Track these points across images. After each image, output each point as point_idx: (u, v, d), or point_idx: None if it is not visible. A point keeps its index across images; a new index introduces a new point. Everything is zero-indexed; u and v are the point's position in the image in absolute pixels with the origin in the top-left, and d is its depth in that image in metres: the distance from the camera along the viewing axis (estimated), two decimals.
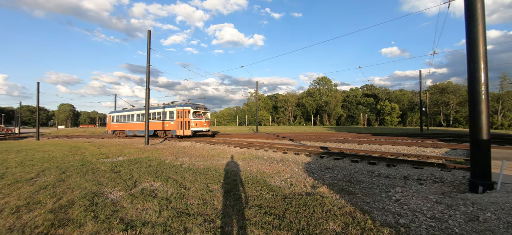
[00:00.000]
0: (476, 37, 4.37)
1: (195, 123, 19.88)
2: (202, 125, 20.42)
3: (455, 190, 4.66)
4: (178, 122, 20.16)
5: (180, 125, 20.00)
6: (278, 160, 9.26)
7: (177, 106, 20.52)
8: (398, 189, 4.93)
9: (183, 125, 19.84)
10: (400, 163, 7.67)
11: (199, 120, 20.24)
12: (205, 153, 11.16)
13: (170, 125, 20.93)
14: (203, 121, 20.57)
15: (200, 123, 20.27)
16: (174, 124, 20.38)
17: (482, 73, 4.30)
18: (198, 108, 20.50)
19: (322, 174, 6.64)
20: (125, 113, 26.43)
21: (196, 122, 19.94)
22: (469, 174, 6.05)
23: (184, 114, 19.98)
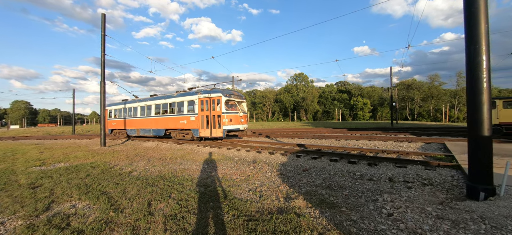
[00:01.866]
0: (476, 13, 3.64)
1: (229, 118, 12.49)
2: (239, 121, 13.00)
3: (452, 196, 3.96)
4: (201, 117, 12.97)
5: (205, 121, 12.82)
6: (250, 161, 8.18)
7: (200, 94, 13.25)
8: (386, 197, 4.11)
9: (211, 121, 12.65)
10: (381, 161, 7.04)
11: (234, 113, 12.77)
12: (169, 155, 9.68)
13: (189, 122, 13.53)
14: (240, 115, 13.16)
15: (235, 118, 12.78)
16: (196, 120, 13.15)
17: (483, 56, 3.60)
18: (231, 95, 13.28)
19: (299, 178, 5.68)
20: (125, 106, 18.99)
21: (230, 117, 12.53)
22: (456, 172, 5.53)
23: (211, 105, 12.71)
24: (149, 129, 16.54)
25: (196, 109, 13.26)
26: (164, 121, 15.45)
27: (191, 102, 13.83)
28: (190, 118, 13.56)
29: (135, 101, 18.30)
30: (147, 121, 16.84)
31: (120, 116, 19.69)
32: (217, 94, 12.79)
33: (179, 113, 14.46)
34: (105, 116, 20.18)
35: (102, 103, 13.97)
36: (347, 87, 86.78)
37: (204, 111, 12.96)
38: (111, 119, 20.72)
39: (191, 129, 13.57)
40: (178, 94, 14.91)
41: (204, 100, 13.10)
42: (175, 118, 14.61)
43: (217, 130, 12.51)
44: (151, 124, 16.43)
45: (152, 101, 16.63)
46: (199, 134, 13.07)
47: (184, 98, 14.23)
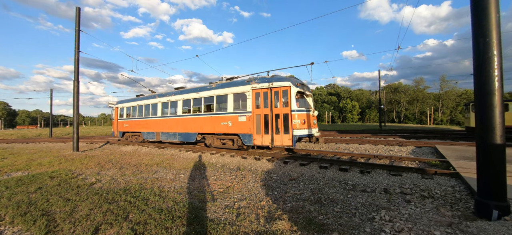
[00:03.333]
0: (486, 0, 3.14)
1: (302, 119, 8.50)
2: (312, 123, 9.18)
3: (458, 213, 3.43)
4: (257, 117, 9.01)
5: (262, 123, 8.88)
6: (234, 167, 7.46)
7: (254, 83, 9.21)
8: (384, 214, 3.52)
9: (273, 123, 8.71)
10: (374, 168, 6.52)
11: (306, 112, 8.81)
12: (146, 161, 8.79)
13: (237, 124, 9.52)
14: (314, 114, 9.44)
15: (309, 119, 8.90)
16: (248, 121, 9.14)
17: (495, 51, 3.10)
18: (303, 86, 9.54)
19: (285, 189, 5.02)
20: (141, 103, 14.85)
21: (303, 117, 8.55)
22: (455, 182, 5.05)
23: (273, 99, 8.81)
24: (174, 133, 12.36)
25: (248, 106, 9.18)
26: (197, 122, 11.15)
27: (240, 96, 9.67)
28: (239, 117, 9.39)
29: (154, 97, 14.00)
30: (171, 122, 12.55)
31: (134, 115, 15.41)
32: (284, 84, 8.53)
33: (220, 112, 10.28)
34: (115, 116, 17.39)
35: (75, 104, 12.80)
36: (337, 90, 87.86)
37: (262, 109, 8.92)
38: (123, 119, 16.38)
39: (239, 133, 9.38)
40: (218, 85, 10.51)
41: (262, 93, 8.91)
42: (214, 118, 10.39)
43: (283, 136, 8.39)
44: (176, 126, 12.23)
45: (179, 96, 12.27)
46: (253, 142, 8.90)
47: (227, 90, 10.03)
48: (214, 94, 10.65)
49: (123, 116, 16.54)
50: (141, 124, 14.82)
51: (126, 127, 16.11)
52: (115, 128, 17.43)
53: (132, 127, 15.60)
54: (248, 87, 9.40)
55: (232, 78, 10.84)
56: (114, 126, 17.56)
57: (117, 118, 17.22)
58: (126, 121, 16.23)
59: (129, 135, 16.26)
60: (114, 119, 17.55)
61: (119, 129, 16.81)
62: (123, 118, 16.56)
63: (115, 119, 17.44)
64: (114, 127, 17.70)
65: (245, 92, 9.51)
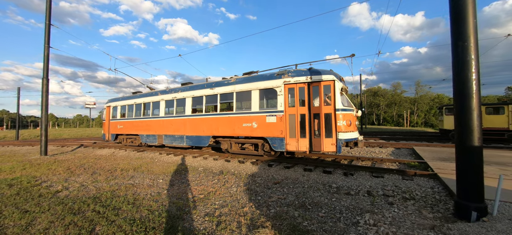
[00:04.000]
0: (464, 5, 3.20)
1: (348, 120, 7.10)
2: (354, 126, 7.45)
3: (439, 215, 3.46)
4: (290, 118, 7.54)
5: (297, 125, 7.41)
6: (217, 171, 7.17)
7: (287, 76, 7.72)
8: (368, 218, 3.46)
9: (312, 125, 7.30)
10: (357, 170, 6.56)
11: (350, 111, 7.29)
12: (122, 165, 8.22)
13: (264, 126, 7.97)
14: (357, 114, 7.74)
15: (352, 120, 7.32)
16: (279, 122, 7.63)
17: (472, 54, 3.16)
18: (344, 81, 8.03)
19: (269, 194, 4.85)
20: (139, 101, 12.86)
21: (348, 118, 7.13)
22: (434, 183, 5.18)
23: (311, 96, 7.44)
24: (181, 136, 10.55)
25: (279, 104, 7.60)
26: (210, 124, 9.41)
27: (268, 93, 8.17)
28: (267, 117, 7.80)
29: (155, 94, 12.14)
30: (177, 123, 10.72)
31: (131, 115, 13.33)
32: (327, 77, 7.08)
33: (242, 111, 8.63)
34: (107, 116, 15.06)
35: (43, 104, 11.78)
36: None
37: (297, 107, 7.37)
38: (116, 119, 14.24)
39: (268, 137, 7.80)
40: (239, 80, 8.84)
41: (297, 88, 7.40)
42: (233, 118, 8.69)
43: (324, 140, 6.90)
44: (184, 128, 10.43)
45: (187, 93, 10.50)
46: (286, 147, 7.39)
47: (252, 86, 8.33)
48: (233, 91, 8.83)
49: (117, 116, 14.25)
50: (139, 125, 12.74)
51: (120, 129, 13.92)
52: (107, 130, 15.04)
53: (128, 129, 13.43)
54: (279, 81, 7.76)
55: (251, 72, 9.19)
56: (105, 128, 15.13)
57: (109, 118, 14.86)
58: (120, 122, 13.96)
59: (123, 137, 14.11)
60: (105, 120, 15.13)
61: (112, 131, 14.50)
62: (116, 119, 14.31)
63: (107, 119, 15.02)
64: (105, 129, 15.24)
65: (275, 88, 7.83)
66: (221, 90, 9.31)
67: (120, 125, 14.00)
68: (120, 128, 13.99)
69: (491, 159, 7.84)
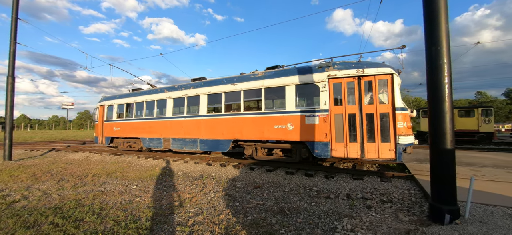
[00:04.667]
0: (438, 10, 3.25)
1: (408, 121, 6.01)
2: (410, 128, 6.21)
3: (414, 218, 3.46)
4: (337, 118, 6.38)
5: (346, 127, 6.26)
6: (197, 176, 6.90)
7: (332, 68, 6.52)
8: (346, 223, 3.40)
9: (365, 127, 6.08)
10: (338, 172, 6.57)
11: (406, 111, 6.04)
12: (95, 171, 7.70)
13: (303, 127, 6.74)
14: (410, 114, 6.40)
15: (409, 121, 6.13)
16: (322, 123, 6.46)
17: (445, 58, 3.21)
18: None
19: (248, 199, 4.68)
20: (142, 99, 11.15)
21: (407, 119, 6.00)
22: (411, 185, 5.27)
23: (363, 92, 6.22)
24: (193, 140, 9.01)
25: (323, 102, 6.47)
26: (232, 125, 8.04)
27: (307, 88, 6.99)
28: (306, 118, 6.66)
29: (161, 91, 10.48)
30: (189, 124, 9.13)
31: (130, 115, 11.64)
32: (383, 71, 6.05)
33: (272, 111, 7.37)
34: (100, 117, 13.06)
35: (8, 104, 10.83)
36: None
37: (345, 106, 6.30)
38: (112, 120, 12.38)
39: (307, 141, 6.64)
40: (268, 74, 7.57)
41: (345, 83, 6.34)
42: (262, 119, 7.42)
43: (380, 145, 5.88)
44: (197, 131, 8.87)
45: (201, 89, 8.95)
46: (331, 153, 6.32)
47: (286, 80, 7.14)
48: (261, 86, 7.51)
49: (112, 117, 12.36)
50: (140, 126, 10.99)
51: (117, 131, 12.04)
52: (100, 132, 13.08)
53: (126, 131, 11.61)
54: (321, 75, 6.56)
55: (275, 67, 8.03)
56: (98, 130, 13.23)
57: (102, 119, 12.96)
58: (116, 123, 12.07)
59: (120, 141, 12.27)
60: (98, 121, 13.16)
61: (106, 133, 12.61)
62: (111, 119, 12.43)
63: (100, 120, 13.06)
64: (97, 131, 13.28)
65: (316, 83, 6.61)
66: (245, 86, 7.86)
67: (116, 126, 12.10)
68: (116, 130, 12.07)
69: (463, 159, 8.21)
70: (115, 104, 12.41)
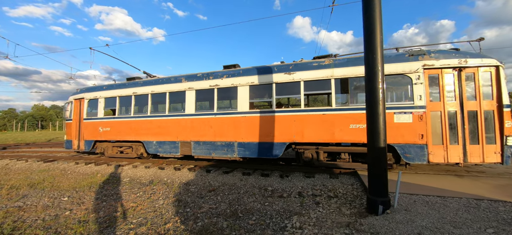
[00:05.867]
0: (374, 23, 3.63)
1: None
2: None
3: (355, 211, 3.78)
4: (434, 116, 5.57)
5: (445, 127, 5.46)
6: (146, 181, 6.33)
7: (426, 57, 5.70)
8: (295, 221, 3.51)
9: (467, 127, 5.38)
10: (293, 171, 6.82)
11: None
12: (14, 182, 6.40)
13: (392, 127, 5.66)
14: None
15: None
16: (419, 121, 5.56)
17: (379, 66, 3.59)
18: None
19: (200, 203, 4.47)
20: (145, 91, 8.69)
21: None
22: (354, 180, 5.78)
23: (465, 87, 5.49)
24: (229, 143, 7.29)
25: (416, 96, 5.59)
26: (289, 124, 6.61)
27: (395, 80, 6.11)
28: (395, 116, 5.72)
29: (176, 80, 8.26)
30: (223, 123, 7.38)
31: (127, 112, 9.37)
32: (488, 62, 5.42)
33: (347, 107, 6.22)
34: (77, 114, 10.02)
35: None
36: None
37: (444, 102, 5.53)
38: (96, 118, 9.50)
39: (396, 144, 5.69)
40: (340, 61, 6.41)
41: (442, 75, 5.58)
42: (333, 117, 6.20)
43: (485, 147, 5.28)
44: (235, 131, 7.21)
45: (240, 79, 7.29)
46: (428, 157, 5.47)
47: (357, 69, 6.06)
48: (330, 76, 6.27)
49: (97, 114, 9.50)
50: (143, 126, 8.55)
51: (105, 133, 9.27)
52: (74, 134, 9.98)
53: (120, 133, 8.99)
54: (414, 64, 5.67)
55: (328, 56, 6.89)
56: (72, 131, 10.03)
57: (80, 116, 9.92)
58: (105, 122, 9.29)
59: (107, 146, 9.49)
60: (73, 119, 10.05)
61: (87, 136, 9.60)
62: (96, 117, 9.49)
63: (75, 118, 10.01)
64: (70, 132, 10.09)
65: (408, 74, 5.71)
66: (306, 76, 6.49)
67: (104, 126, 9.27)
68: (104, 132, 9.29)
69: None
70: (102, 97, 9.43)
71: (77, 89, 10.44)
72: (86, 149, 9.72)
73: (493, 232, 2.83)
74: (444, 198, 4.03)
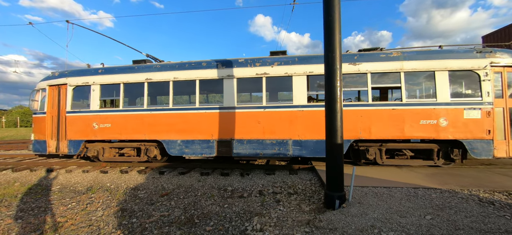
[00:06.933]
0: (333, 22, 3.68)
1: None
2: None
3: (314, 207, 3.82)
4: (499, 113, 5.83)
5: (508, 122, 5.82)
6: (82, 189, 5.36)
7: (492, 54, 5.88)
8: (256, 223, 3.34)
9: None
10: (253, 169, 6.70)
11: None
12: None
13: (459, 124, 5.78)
14: None
15: None
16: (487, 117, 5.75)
17: (338, 64, 3.67)
18: None
19: (150, 211, 3.93)
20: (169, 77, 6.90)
21: None
22: (312, 175, 5.96)
23: None
24: (283, 141, 6.46)
25: (484, 92, 5.77)
26: (353, 120, 6.17)
27: (462, 76, 6.06)
28: (465, 112, 5.78)
29: (209, 66, 6.91)
30: (275, 118, 6.50)
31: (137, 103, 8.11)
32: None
33: (418, 102, 6.09)
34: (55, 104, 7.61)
35: None
36: None
37: (506, 99, 5.86)
38: (88, 111, 7.41)
39: (464, 139, 5.76)
40: (408, 54, 6.20)
41: (505, 73, 5.90)
42: (403, 112, 5.99)
43: None
44: (292, 127, 6.41)
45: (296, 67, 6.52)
46: (493, 153, 5.71)
47: (435, 64, 5.98)
48: (400, 69, 6.04)
49: (91, 105, 7.40)
50: (163, 121, 6.99)
51: (103, 130, 7.28)
52: (51, 133, 7.66)
53: (126, 130, 7.16)
54: (483, 61, 5.78)
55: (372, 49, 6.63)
56: (45, 128, 7.68)
57: (59, 108, 7.63)
58: (102, 116, 7.32)
59: (103, 147, 7.58)
60: (48, 112, 7.71)
61: (73, 135, 7.41)
62: (88, 110, 7.40)
63: (52, 111, 7.71)
64: (42, 130, 7.71)
65: (476, 70, 5.81)
66: (373, 68, 6.14)
67: (101, 121, 7.30)
68: (100, 129, 7.30)
69: None
70: (97, 84, 7.38)
71: (53, 73, 8.01)
72: (70, 151, 7.44)
73: (430, 218, 3.17)
74: (389, 189, 4.42)
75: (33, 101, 7.93)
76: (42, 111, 7.76)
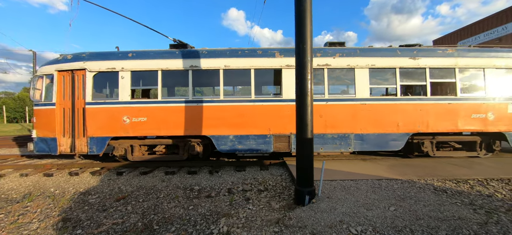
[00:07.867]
0: (305, 13, 3.53)
1: None
2: None
3: (284, 204, 3.70)
4: None
5: None
6: (17, 196, 4.52)
7: None
8: (223, 226, 3.09)
9: None
10: (222, 166, 6.40)
11: None
12: None
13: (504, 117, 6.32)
14: None
15: None
16: None
17: (308, 56, 3.55)
18: None
19: (99, 220, 3.41)
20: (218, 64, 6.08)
21: None
22: (283, 170, 5.89)
23: None
24: (344, 135, 6.37)
25: None
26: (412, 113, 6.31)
27: (505, 73, 6.47)
28: (509, 106, 6.39)
29: (266, 53, 6.35)
30: (335, 111, 6.31)
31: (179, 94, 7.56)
32: None
33: (470, 96, 6.40)
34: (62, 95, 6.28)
35: None
36: None
37: None
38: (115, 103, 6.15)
39: (507, 132, 6.36)
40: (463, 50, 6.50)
41: None
42: (458, 106, 6.31)
43: None
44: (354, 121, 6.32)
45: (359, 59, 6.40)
46: None
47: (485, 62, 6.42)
48: (454, 65, 6.35)
49: (120, 95, 6.24)
50: (214, 115, 6.25)
51: (137, 125, 6.20)
52: (63, 128, 6.27)
53: (168, 124, 6.23)
54: None
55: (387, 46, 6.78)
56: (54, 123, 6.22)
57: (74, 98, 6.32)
58: (135, 108, 6.21)
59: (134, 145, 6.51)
60: (58, 103, 6.29)
61: (98, 131, 6.18)
62: (116, 101, 6.24)
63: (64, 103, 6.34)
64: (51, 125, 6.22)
65: None
66: (432, 63, 6.34)
67: (134, 115, 6.21)
68: (133, 123, 6.20)
69: None
70: (126, 70, 6.26)
71: (64, 55, 6.48)
72: (92, 151, 6.21)
73: (394, 209, 3.26)
74: (356, 181, 4.53)
75: (34, 90, 6.42)
76: (48, 102, 6.33)
